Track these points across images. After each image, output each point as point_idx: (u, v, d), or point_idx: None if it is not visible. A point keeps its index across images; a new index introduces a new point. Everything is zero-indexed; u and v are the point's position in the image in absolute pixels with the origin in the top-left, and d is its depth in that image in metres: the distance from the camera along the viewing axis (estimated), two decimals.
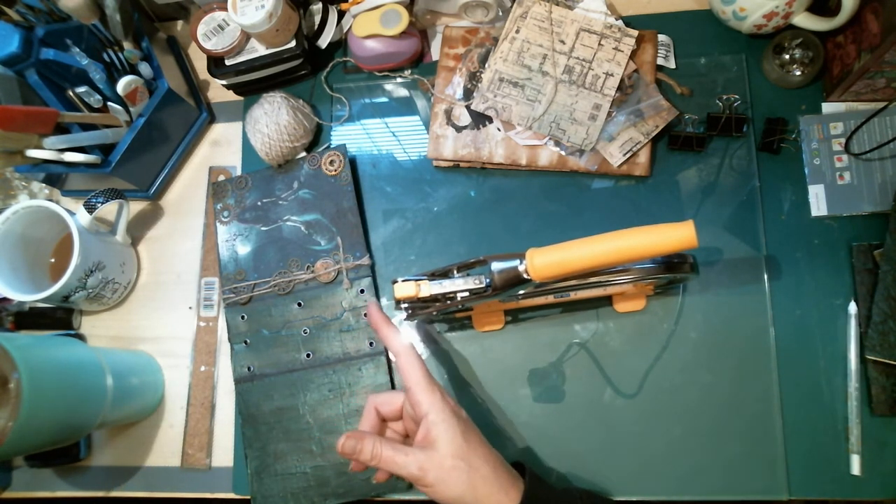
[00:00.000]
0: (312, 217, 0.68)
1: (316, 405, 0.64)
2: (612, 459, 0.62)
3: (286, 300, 0.67)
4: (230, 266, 0.69)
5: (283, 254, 0.68)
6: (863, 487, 0.58)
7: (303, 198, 0.69)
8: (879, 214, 0.63)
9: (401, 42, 0.70)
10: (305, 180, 0.69)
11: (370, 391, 0.64)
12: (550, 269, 0.47)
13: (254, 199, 0.70)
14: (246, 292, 0.67)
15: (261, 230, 0.69)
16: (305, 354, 0.66)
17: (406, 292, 0.54)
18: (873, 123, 0.64)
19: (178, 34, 0.80)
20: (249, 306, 0.67)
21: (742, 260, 0.64)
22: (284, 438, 0.64)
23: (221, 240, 0.70)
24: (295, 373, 0.65)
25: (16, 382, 0.52)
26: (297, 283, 0.66)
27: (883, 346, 0.59)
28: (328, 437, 0.64)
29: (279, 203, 0.70)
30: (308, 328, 0.66)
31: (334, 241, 0.67)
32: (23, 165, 0.66)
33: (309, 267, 0.66)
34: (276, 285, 0.66)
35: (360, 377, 0.65)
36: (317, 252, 0.67)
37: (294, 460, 0.64)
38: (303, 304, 0.67)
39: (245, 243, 0.69)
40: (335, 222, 0.68)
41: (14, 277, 0.67)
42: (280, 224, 0.69)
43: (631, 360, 0.63)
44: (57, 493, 0.71)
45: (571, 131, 0.66)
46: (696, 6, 0.70)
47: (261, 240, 0.69)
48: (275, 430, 0.65)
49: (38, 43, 0.63)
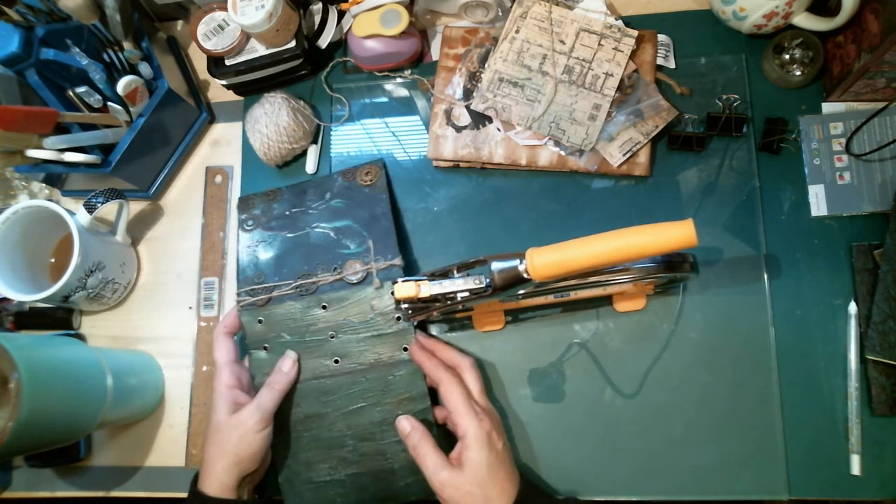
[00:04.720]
0: (343, 223, 0.66)
1: (349, 414, 0.61)
2: (612, 459, 0.62)
3: (309, 303, 0.63)
4: (249, 270, 0.66)
5: (308, 258, 0.65)
6: (863, 487, 0.58)
7: (334, 207, 0.67)
8: (879, 214, 0.63)
9: (401, 42, 0.70)
10: (338, 191, 0.67)
11: (406, 399, 0.60)
12: (550, 269, 0.47)
13: (282, 209, 0.68)
14: (264, 294, 0.64)
15: (286, 237, 0.66)
16: (333, 361, 0.62)
17: (406, 292, 0.54)
18: (873, 123, 0.64)
19: (178, 34, 0.80)
20: (267, 309, 0.64)
21: (742, 260, 0.64)
22: (315, 447, 0.61)
23: (242, 246, 0.67)
24: (323, 380, 0.62)
25: (16, 382, 0.52)
26: (322, 283, 0.63)
27: (883, 346, 0.59)
28: (364, 445, 0.61)
29: (308, 212, 0.67)
30: (335, 332, 0.62)
31: (365, 244, 0.64)
32: (23, 165, 0.66)
33: (336, 269, 0.63)
34: (298, 286, 0.63)
35: (395, 385, 0.61)
36: (345, 255, 0.64)
37: (327, 468, 0.61)
38: (328, 306, 0.63)
39: (268, 249, 0.66)
40: (367, 227, 0.65)
41: (14, 277, 0.67)
42: (308, 231, 0.66)
43: (631, 359, 0.63)
44: (57, 493, 0.71)
45: (571, 131, 0.66)
46: (696, 6, 0.70)
47: (285, 245, 0.66)
48: (303, 438, 0.62)
49: (38, 43, 0.63)
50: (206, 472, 0.57)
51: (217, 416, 0.58)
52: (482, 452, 0.52)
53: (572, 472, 0.62)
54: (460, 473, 0.52)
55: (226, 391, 0.59)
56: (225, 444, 0.56)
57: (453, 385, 0.56)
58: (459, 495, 0.51)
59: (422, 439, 0.54)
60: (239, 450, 0.56)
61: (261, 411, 0.57)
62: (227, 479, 0.56)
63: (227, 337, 0.63)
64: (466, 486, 0.51)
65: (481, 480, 0.51)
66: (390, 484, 0.61)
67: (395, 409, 0.60)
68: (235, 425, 0.56)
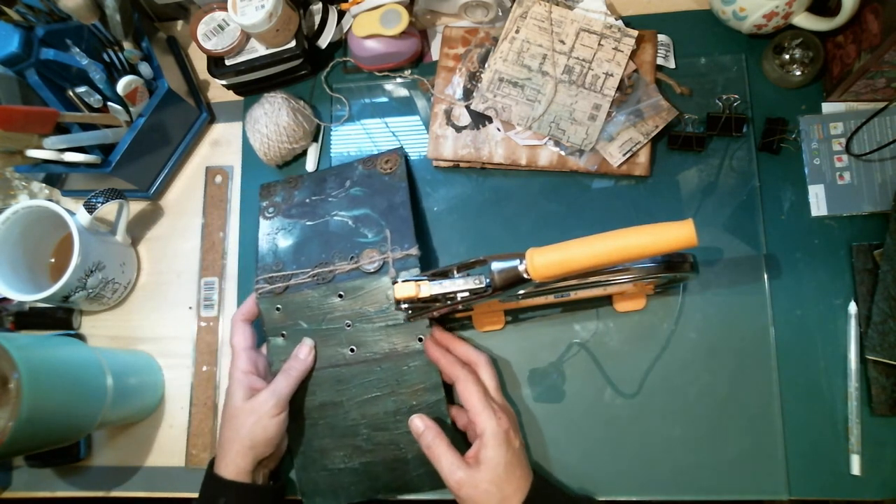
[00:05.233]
0: (361, 212, 0.66)
1: (363, 403, 0.61)
2: (612, 459, 0.62)
3: (326, 291, 0.63)
4: (268, 258, 0.66)
5: (327, 246, 0.65)
6: (863, 487, 0.58)
7: (354, 195, 0.67)
8: (879, 214, 0.63)
9: (401, 42, 0.70)
10: (358, 179, 0.68)
11: (421, 390, 0.60)
12: (550, 269, 0.47)
13: (303, 196, 0.68)
14: (281, 282, 0.64)
15: (305, 224, 0.67)
16: (349, 349, 0.62)
17: (406, 293, 0.54)
18: (873, 123, 0.64)
19: (178, 34, 0.80)
20: (285, 297, 0.64)
21: (742, 260, 0.64)
22: (329, 434, 0.62)
23: (262, 233, 0.68)
24: (338, 368, 0.62)
25: (16, 382, 0.52)
26: (339, 272, 0.63)
27: (883, 346, 0.59)
28: (378, 434, 0.61)
29: (328, 200, 0.67)
30: (350, 321, 0.62)
31: (382, 233, 0.64)
32: (23, 165, 0.66)
33: (353, 258, 0.63)
34: (315, 275, 0.63)
35: (409, 375, 0.61)
36: (363, 244, 0.64)
37: (341, 456, 0.62)
38: (344, 295, 0.63)
39: (287, 237, 0.67)
40: (385, 216, 0.64)
41: (14, 277, 0.67)
42: (327, 219, 0.66)
43: (631, 359, 0.63)
44: (57, 493, 0.71)
45: (571, 131, 0.66)
46: (696, 6, 0.70)
47: (305, 233, 0.66)
48: (318, 426, 0.62)
49: (38, 43, 0.63)
50: (221, 456, 0.58)
51: (233, 402, 0.58)
52: (500, 450, 0.52)
53: (572, 472, 0.62)
54: (478, 472, 0.52)
55: (242, 377, 0.60)
56: (240, 427, 0.57)
57: (470, 383, 0.55)
58: (477, 494, 0.51)
59: (435, 438, 0.54)
60: (253, 434, 0.57)
61: (276, 396, 0.58)
62: (243, 462, 0.57)
63: (245, 323, 0.63)
64: (484, 485, 0.51)
65: (498, 479, 0.52)
66: (403, 474, 0.61)
67: (410, 399, 0.61)
68: (251, 410, 0.57)
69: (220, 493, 0.56)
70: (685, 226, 0.44)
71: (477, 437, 0.54)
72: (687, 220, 0.44)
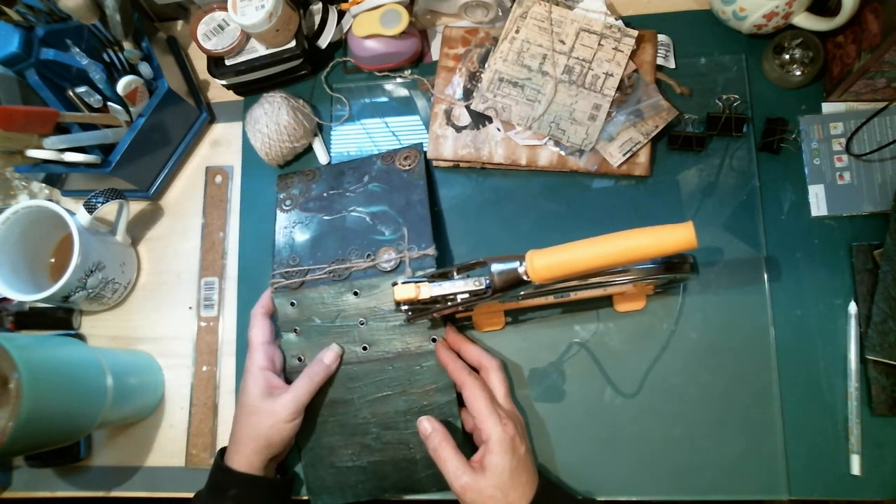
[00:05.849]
0: (379, 208, 0.65)
1: (374, 401, 0.61)
2: (612, 459, 0.62)
3: (341, 288, 0.63)
4: (284, 252, 0.66)
5: (343, 242, 0.65)
6: (863, 487, 0.58)
7: (371, 191, 0.66)
8: (879, 214, 0.63)
9: (401, 42, 0.70)
10: (377, 175, 0.67)
11: (432, 390, 0.61)
12: (550, 271, 0.47)
13: (320, 190, 0.68)
14: (297, 277, 0.64)
15: (323, 219, 0.66)
16: (361, 347, 0.62)
17: (406, 294, 0.53)
18: (873, 123, 0.64)
19: (178, 34, 0.80)
20: (300, 293, 0.64)
21: (742, 260, 0.64)
22: (339, 432, 0.62)
23: (279, 227, 0.68)
24: (350, 366, 0.62)
25: (16, 382, 0.52)
26: (355, 270, 0.63)
27: (883, 346, 0.59)
28: (387, 433, 0.61)
29: (346, 195, 0.67)
30: (364, 319, 0.62)
31: (399, 231, 0.63)
32: (23, 165, 0.66)
33: (370, 255, 0.63)
34: (331, 271, 0.63)
35: (421, 375, 0.61)
36: (380, 242, 0.64)
37: (350, 454, 0.62)
38: (359, 293, 0.62)
39: (304, 231, 0.67)
40: (402, 213, 0.64)
41: (14, 277, 0.67)
42: (345, 214, 0.66)
43: (631, 359, 0.63)
44: (57, 493, 0.71)
45: (571, 131, 0.66)
46: (696, 6, 0.70)
47: (322, 228, 0.66)
48: (328, 423, 0.62)
49: (38, 43, 0.63)
50: (234, 449, 0.58)
51: (249, 398, 0.59)
52: (505, 457, 0.52)
53: (572, 472, 0.62)
54: (482, 477, 0.52)
55: (258, 372, 0.60)
56: (257, 426, 0.57)
57: (476, 389, 0.55)
58: (481, 499, 0.52)
59: (442, 441, 0.54)
60: (269, 435, 0.57)
61: (296, 403, 0.58)
62: (256, 459, 0.58)
63: (264, 317, 0.63)
64: (489, 491, 0.51)
65: (503, 484, 0.52)
66: (411, 474, 0.61)
67: (421, 399, 0.61)
68: (270, 413, 0.58)
69: (232, 485, 0.57)
70: (685, 228, 0.44)
71: (483, 442, 0.54)
72: (687, 223, 0.44)
